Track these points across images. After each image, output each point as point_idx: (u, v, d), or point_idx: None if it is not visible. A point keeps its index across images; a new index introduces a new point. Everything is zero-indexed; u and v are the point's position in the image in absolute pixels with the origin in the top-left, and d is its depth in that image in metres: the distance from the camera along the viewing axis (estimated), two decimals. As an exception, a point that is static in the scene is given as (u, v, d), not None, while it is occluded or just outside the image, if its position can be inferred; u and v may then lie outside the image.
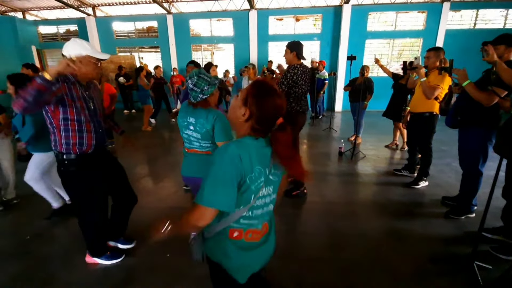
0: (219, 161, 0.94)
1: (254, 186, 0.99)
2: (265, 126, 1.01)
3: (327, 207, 3.11)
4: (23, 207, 3.17)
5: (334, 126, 6.97)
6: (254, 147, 0.98)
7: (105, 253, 2.26)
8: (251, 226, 1.08)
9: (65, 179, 1.94)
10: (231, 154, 0.93)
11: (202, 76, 1.77)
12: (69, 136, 1.81)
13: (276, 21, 10.16)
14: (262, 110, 0.98)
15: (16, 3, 11.23)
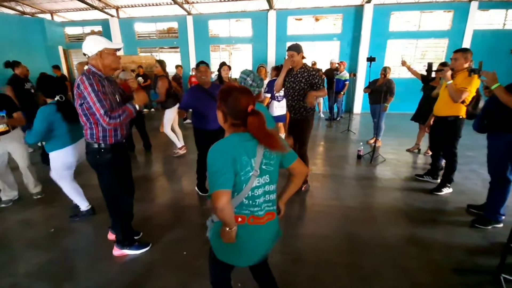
0: (211, 156, 1.14)
1: (243, 174, 1.15)
2: (240, 118, 1.17)
3: (344, 211, 3.05)
4: (48, 201, 3.31)
5: (353, 128, 6.82)
6: (238, 140, 1.16)
7: (134, 244, 2.37)
8: (253, 213, 1.23)
9: (101, 167, 2.10)
10: (218, 147, 1.14)
11: (255, 73, 2.17)
12: (106, 130, 1.99)
13: (295, 21, 10.08)
14: (229, 107, 1.17)
15: (45, 5, 11.78)
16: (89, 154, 2.11)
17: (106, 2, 10.96)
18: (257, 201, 1.22)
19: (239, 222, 1.21)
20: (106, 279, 2.09)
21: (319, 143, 5.84)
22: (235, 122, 1.18)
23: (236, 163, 1.13)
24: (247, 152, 1.16)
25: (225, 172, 1.10)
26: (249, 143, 1.17)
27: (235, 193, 1.17)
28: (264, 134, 1.15)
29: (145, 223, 2.77)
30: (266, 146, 1.17)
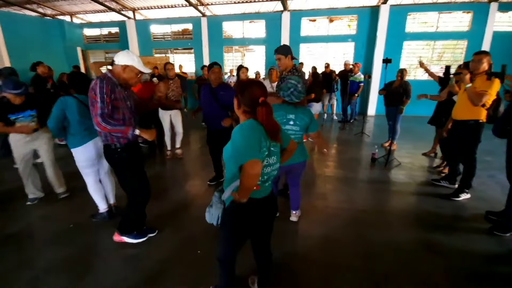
0: (242, 134, 1.34)
1: (261, 152, 1.35)
2: (251, 107, 1.37)
3: (357, 215, 3.03)
4: (70, 197, 3.42)
5: (367, 131, 6.73)
6: (255, 124, 1.37)
7: (132, 233, 2.49)
8: (261, 185, 1.48)
9: (118, 165, 2.25)
10: (247, 126, 1.35)
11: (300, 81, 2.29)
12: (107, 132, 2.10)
13: (309, 23, 10.05)
14: (244, 96, 1.38)
15: (65, 7, 12.18)
16: (106, 154, 2.25)
17: (123, 4, 11.23)
18: (265, 177, 1.46)
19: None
20: (122, 275, 2.15)
21: (332, 145, 5.80)
22: (246, 109, 1.40)
23: (261, 141, 1.34)
24: (264, 135, 1.37)
25: (255, 146, 1.31)
26: (261, 127, 1.38)
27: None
28: (269, 123, 1.36)
29: (160, 222, 2.83)
30: (268, 134, 1.37)
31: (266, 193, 1.55)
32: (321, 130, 4.16)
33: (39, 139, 3.18)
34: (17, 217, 3.00)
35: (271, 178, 1.54)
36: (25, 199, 3.29)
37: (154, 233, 2.62)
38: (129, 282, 2.08)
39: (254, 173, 1.31)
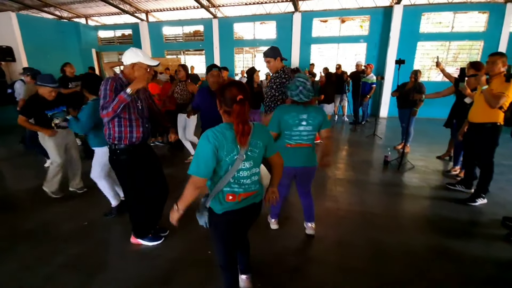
0: (200, 143, 1.36)
1: (229, 158, 1.37)
2: (230, 106, 1.37)
3: (368, 218, 2.98)
4: (85, 195, 3.51)
5: (379, 133, 6.64)
6: (225, 129, 1.38)
7: (147, 236, 2.51)
8: (241, 191, 1.48)
9: (116, 166, 2.27)
10: (206, 137, 1.35)
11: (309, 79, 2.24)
12: (121, 131, 2.14)
13: (320, 23, 9.99)
14: (223, 95, 1.40)
15: (81, 10, 12.51)
16: (109, 154, 2.28)
17: (136, 7, 11.45)
18: (242, 181, 1.46)
19: (229, 200, 1.47)
20: (135, 273, 2.19)
21: (343, 147, 5.74)
22: (226, 109, 1.41)
23: (219, 151, 1.34)
24: (233, 140, 1.36)
25: (206, 161, 1.34)
26: (232, 135, 1.37)
27: (222, 173, 1.42)
28: (240, 122, 1.33)
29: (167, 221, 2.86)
30: (236, 133, 1.34)
31: (247, 203, 1.53)
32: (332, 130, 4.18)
33: (70, 135, 3.37)
34: (34, 215, 3.08)
35: (251, 186, 1.51)
36: (44, 196, 3.38)
37: (165, 232, 2.65)
38: (141, 280, 2.11)
39: (192, 188, 1.40)
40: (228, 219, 1.51)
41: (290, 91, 2.23)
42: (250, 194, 1.53)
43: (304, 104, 2.24)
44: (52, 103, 3.13)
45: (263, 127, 1.55)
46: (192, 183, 1.40)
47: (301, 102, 2.22)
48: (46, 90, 3.04)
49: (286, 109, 2.27)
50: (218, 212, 1.49)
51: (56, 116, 3.14)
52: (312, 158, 2.39)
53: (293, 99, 2.23)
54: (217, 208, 1.49)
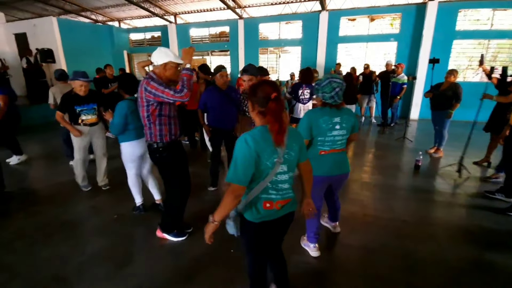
0: (238, 147, 1.28)
1: (270, 162, 1.29)
2: (264, 105, 1.30)
3: (399, 225, 2.83)
4: (115, 189, 3.64)
5: (409, 136, 6.32)
6: (263, 132, 1.30)
7: (173, 231, 2.57)
8: (279, 198, 1.39)
9: (160, 164, 2.35)
10: (244, 140, 1.27)
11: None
12: (162, 129, 2.21)
13: (348, 22, 9.72)
14: (257, 96, 1.32)
15: (114, 13, 13.15)
16: (150, 153, 2.36)
17: (166, 9, 11.82)
18: (280, 186, 1.37)
19: (267, 208, 1.37)
20: (159, 267, 2.24)
21: (370, 150, 5.52)
22: (260, 109, 1.32)
23: (260, 155, 1.27)
24: (272, 142, 1.29)
25: (245, 168, 1.26)
26: (270, 138, 1.29)
27: (260, 178, 1.33)
28: (277, 119, 1.27)
29: (196, 219, 2.89)
30: (273, 136, 1.28)
31: (285, 212, 1.44)
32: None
33: (96, 133, 3.51)
34: (68, 207, 3.26)
35: (288, 192, 1.42)
36: (77, 190, 3.58)
37: (190, 229, 2.69)
38: (165, 275, 2.15)
39: (231, 197, 1.28)
40: (265, 229, 1.42)
41: (322, 93, 2.02)
42: (287, 201, 1.43)
43: (337, 106, 2.06)
44: (84, 99, 3.30)
45: (296, 130, 1.47)
46: (231, 191, 1.28)
47: (334, 104, 2.04)
48: (76, 84, 3.23)
49: (318, 112, 2.07)
50: (255, 221, 1.39)
51: (85, 112, 3.31)
52: (347, 164, 2.24)
53: (326, 102, 2.04)
54: (253, 217, 1.39)
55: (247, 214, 1.41)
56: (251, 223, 1.40)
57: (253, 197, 1.36)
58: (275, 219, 1.41)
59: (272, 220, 1.40)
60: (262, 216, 1.38)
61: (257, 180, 1.33)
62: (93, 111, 3.37)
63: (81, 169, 3.53)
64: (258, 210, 1.38)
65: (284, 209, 1.42)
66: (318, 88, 2.04)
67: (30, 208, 3.23)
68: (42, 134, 6.83)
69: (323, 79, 2.02)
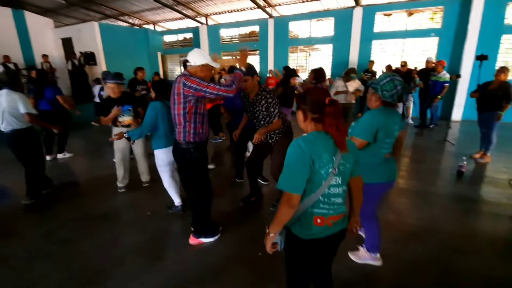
0: (291, 152, 1.20)
1: (324, 171, 1.19)
2: (319, 111, 1.22)
3: (439, 236, 2.62)
4: (151, 188, 3.78)
5: (450, 139, 5.86)
6: (319, 138, 1.21)
7: (209, 233, 2.59)
8: (331, 213, 1.28)
9: (189, 164, 2.33)
10: (298, 145, 1.19)
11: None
12: (196, 127, 2.22)
13: (383, 17, 9.25)
14: (309, 102, 1.25)
15: (150, 17, 13.72)
16: (178, 153, 2.35)
17: (198, 11, 12.10)
18: (333, 200, 1.27)
19: (318, 224, 1.26)
20: (188, 265, 2.29)
21: (406, 153, 5.20)
22: (314, 116, 1.24)
23: (315, 162, 1.17)
24: (329, 149, 1.20)
25: (299, 174, 1.18)
26: (329, 140, 1.21)
27: (312, 191, 1.22)
28: (338, 123, 1.19)
29: (224, 218, 2.93)
30: (336, 142, 1.20)
31: (337, 229, 1.33)
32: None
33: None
34: (106, 201, 3.45)
35: (341, 207, 1.31)
36: (115, 186, 3.76)
37: (220, 227, 2.71)
38: (193, 273, 2.19)
39: (287, 207, 1.20)
40: (313, 247, 1.31)
41: (383, 91, 1.85)
42: (340, 217, 1.32)
43: (395, 106, 1.94)
44: (117, 101, 3.36)
45: (351, 141, 1.36)
46: (286, 201, 1.19)
47: (393, 104, 1.91)
48: (108, 86, 3.36)
49: (386, 112, 1.88)
50: (304, 238, 1.28)
51: (121, 114, 3.38)
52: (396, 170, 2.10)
53: (387, 100, 1.87)
54: (302, 233, 1.28)
55: (296, 229, 1.30)
56: (299, 239, 1.29)
57: (303, 211, 1.25)
58: (325, 237, 1.29)
59: (322, 238, 1.29)
60: (313, 233, 1.27)
61: (308, 192, 1.22)
62: (129, 112, 3.44)
63: (119, 169, 3.65)
64: (308, 226, 1.27)
65: (336, 226, 1.31)
66: (376, 86, 1.87)
67: (73, 200, 3.47)
68: (85, 131, 7.31)
69: (383, 76, 1.88)
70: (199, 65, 2.16)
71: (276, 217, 1.25)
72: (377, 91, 1.88)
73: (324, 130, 1.24)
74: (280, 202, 1.22)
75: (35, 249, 2.53)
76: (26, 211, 3.24)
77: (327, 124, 1.21)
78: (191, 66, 2.19)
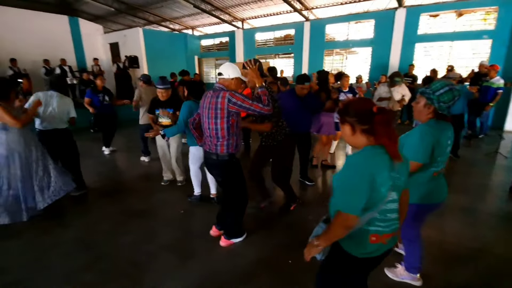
0: (350, 170, 1.14)
1: (384, 188, 1.12)
2: (368, 122, 1.13)
3: (487, 259, 2.38)
4: (186, 187, 3.88)
5: (503, 151, 5.31)
6: (375, 153, 1.13)
7: (238, 234, 2.65)
8: (386, 231, 1.20)
9: (234, 173, 2.42)
10: (355, 163, 1.14)
11: None
12: (237, 139, 2.32)
13: (429, 19, 8.70)
14: (354, 114, 1.17)
15: (189, 22, 14.32)
16: (220, 167, 2.37)
17: (234, 16, 12.38)
18: (389, 216, 1.20)
19: (373, 242, 1.19)
20: (219, 266, 2.33)
21: (452, 166, 4.81)
22: (364, 127, 1.15)
23: (375, 180, 1.09)
24: (387, 164, 1.12)
25: (360, 194, 1.10)
26: (384, 155, 1.13)
27: (370, 209, 1.14)
28: (390, 133, 1.12)
29: (255, 223, 2.94)
30: (390, 153, 1.13)
31: (389, 247, 1.25)
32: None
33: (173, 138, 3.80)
34: (144, 197, 3.64)
35: (396, 223, 1.23)
36: (151, 183, 3.95)
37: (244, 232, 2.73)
38: (224, 274, 2.22)
39: (342, 229, 1.14)
40: (365, 266, 1.26)
41: (439, 103, 1.62)
42: (393, 235, 1.24)
43: (447, 119, 1.71)
44: (163, 103, 3.66)
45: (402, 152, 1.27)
46: (342, 222, 1.13)
47: (447, 116, 1.69)
48: (158, 90, 3.65)
49: (439, 126, 1.68)
50: (356, 256, 1.21)
51: (161, 115, 3.68)
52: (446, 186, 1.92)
53: (442, 113, 1.66)
54: (356, 251, 1.21)
55: (347, 246, 1.23)
56: (350, 256, 1.21)
57: (358, 229, 1.19)
58: (379, 255, 1.22)
59: (377, 256, 1.22)
60: (368, 251, 1.20)
61: (366, 210, 1.14)
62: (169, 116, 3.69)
63: (163, 164, 4.00)
64: (363, 245, 1.19)
65: (389, 244, 1.23)
66: (432, 96, 1.64)
67: (112, 195, 3.70)
68: (126, 130, 7.77)
69: (440, 84, 1.63)
70: (233, 78, 2.23)
71: (328, 234, 1.20)
72: (433, 102, 1.64)
73: (377, 143, 1.15)
74: (334, 221, 1.16)
75: (80, 239, 2.74)
76: (74, 202, 3.51)
77: (379, 135, 1.12)
78: (224, 79, 2.24)
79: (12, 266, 2.36)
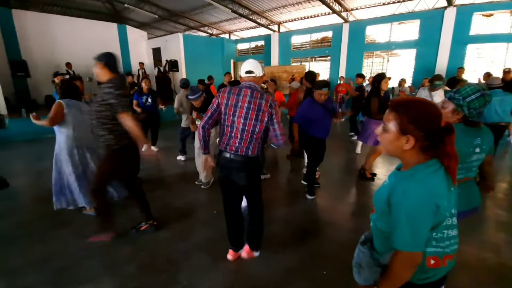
0: (410, 204, 0.93)
1: (448, 212, 0.98)
2: (435, 140, 0.96)
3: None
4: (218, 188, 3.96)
5: None
6: (434, 174, 0.96)
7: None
8: (447, 252, 1.03)
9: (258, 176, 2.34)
10: (415, 192, 0.93)
11: None
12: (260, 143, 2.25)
13: (482, 18, 7.98)
14: (426, 128, 0.95)
15: (226, 27, 14.67)
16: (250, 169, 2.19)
17: (271, 19, 12.43)
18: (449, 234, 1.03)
19: (431, 266, 1.02)
20: (251, 271, 2.32)
21: (506, 179, 4.33)
22: (425, 143, 0.97)
23: (439, 207, 0.94)
24: (446, 186, 0.96)
25: (424, 229, 0.95)
26: (442, 172, 0.97)
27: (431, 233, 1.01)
28: (454, 153, 0.96)
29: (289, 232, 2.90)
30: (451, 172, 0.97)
31: (448, 269, 1.09)
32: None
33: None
34: (182, 196, 3.76)
35: (456, 241, 1.07)
36: (188, 182, 4.08)
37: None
38: (257, 280, 2.20)
39: (408, 269, 0.97)
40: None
41: (470, 109, 1.54)
42: (453, 256, 1.08)
43: (478, 124, 1.63)
44: (199, 109, 3.87)
45: None
46: (408, 263, 0.97)
47: (477, 123, 1.62)
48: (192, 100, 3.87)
49: (464, 132, 1.60)
50: (415, 282, 1.04)
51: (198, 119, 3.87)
52: (478, 196, 1.79)
53: (472, 119, 1.58)
54: (414, 278, 1.02)
55: None
56: (408, 283, 1.04)
57: None
58: (439, 279, 1.07)
59: (435, 281, 1.06)
60: (428, 276, 1.04)
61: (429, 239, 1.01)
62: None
63: (197, 164, 4.13)
64: (422, 269, 1.02)
65: (449, 266, 1.08)
66: (462, 103, 1.55)
67: (153, 193, 3.86)
68: (167, 131, 8.14)
69: (471, 90, 1.54)
70: (262, 75, 2.20)
71: (391, 280, 1.01)
72: (463, 109, 1.55)
73: (429, 159, 0.99)
74: (396, 263, 0.99)
75: (122, 232, 2.88)
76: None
77: (445, 156, 0.97)
78: (255, 77, 2.13)
79: (62, 253, 2.55)
